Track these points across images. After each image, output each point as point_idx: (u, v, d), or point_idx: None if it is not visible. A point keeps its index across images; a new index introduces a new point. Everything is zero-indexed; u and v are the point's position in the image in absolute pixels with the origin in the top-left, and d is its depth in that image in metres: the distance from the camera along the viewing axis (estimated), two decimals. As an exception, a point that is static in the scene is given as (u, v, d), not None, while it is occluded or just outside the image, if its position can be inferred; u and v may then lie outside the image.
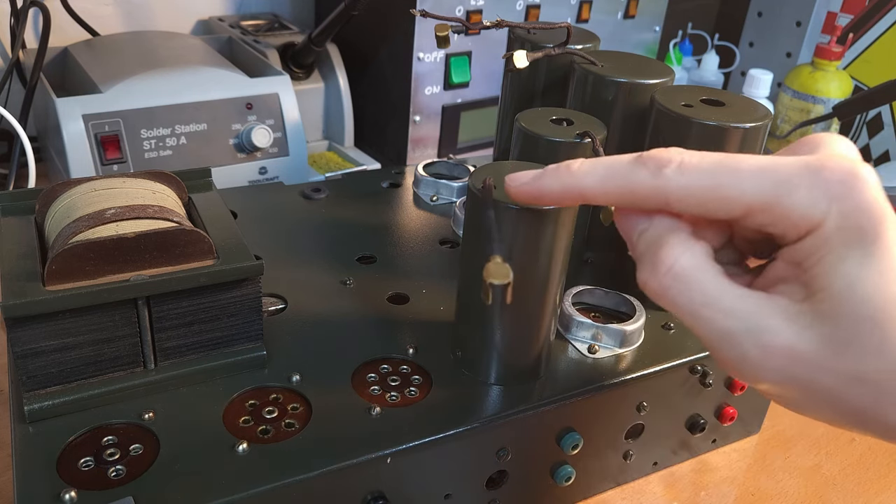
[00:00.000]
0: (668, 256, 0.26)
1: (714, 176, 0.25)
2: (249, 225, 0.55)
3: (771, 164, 0.25)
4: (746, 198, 0.25)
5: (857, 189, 0.24)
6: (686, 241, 0.26)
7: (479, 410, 0.39)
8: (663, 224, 0.27)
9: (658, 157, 0.26)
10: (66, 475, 0.33)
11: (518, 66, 0.47)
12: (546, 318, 0.40)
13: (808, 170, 0.24)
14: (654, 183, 0.26)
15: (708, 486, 0.48)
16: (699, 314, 0.26)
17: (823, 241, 0.24)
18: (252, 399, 0.39)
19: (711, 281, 0.26)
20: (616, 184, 0.27)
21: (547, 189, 0.29)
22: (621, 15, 0.87)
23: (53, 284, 0.35)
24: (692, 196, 0.26)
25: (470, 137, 0.82)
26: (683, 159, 0.26)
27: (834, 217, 0.24)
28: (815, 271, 0.25)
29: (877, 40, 0.89)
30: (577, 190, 0.28)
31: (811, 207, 0.24)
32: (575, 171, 0.28)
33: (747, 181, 0.25)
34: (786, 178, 0.25)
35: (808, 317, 0.24)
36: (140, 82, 0.64)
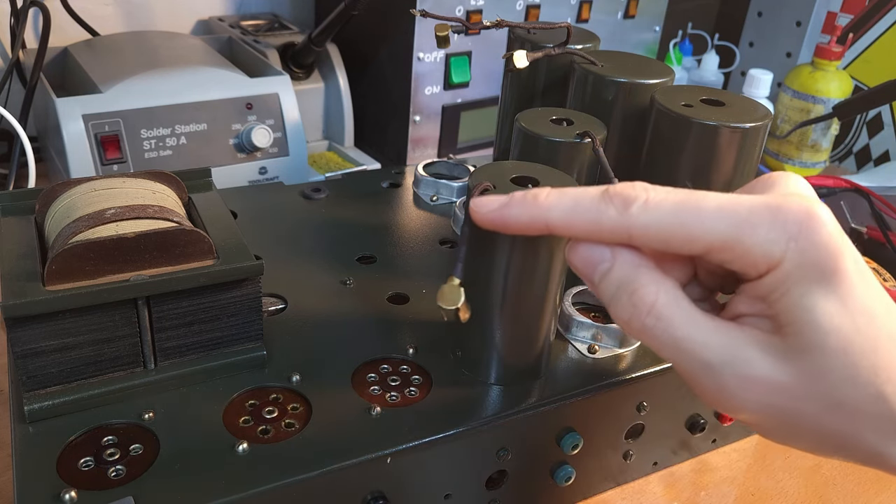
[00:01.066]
0: (647, 296, 0.27)
1: (677, 214, 0.26)
2: (249, 225, 0.55)
3: (732, 203, 0.26)
4: (708, 236, 0.26)
5: (813, 228, 0.25)
6: (657, 278, 0.27)
7: (479, 410, 0.39)
8: (628, 262, 0.27)
9: (624, 193, 0.27)
10: (66, 475, 0.33)
11: (518, 66, 0.47)
12: (546, 318, 0.40)
13: (768, 209, 0.25)
14: (620, 221, 0.26)
15: (708, 486, 0.48)
16: (680, 348, 0.26)
17: (784, 278, 0.25)
18: (252, 399, 0.39)
19: (688, 315, 0.26)
20: (583, 219, 0.27)
21: (513, 218, 0.29)
22: (621, 15, 0.87)
23: (53, 284, 0.35)
24: (656, 233, 0.26)
25: (470, 137, 0.82)
26: (649, 197, 0.26)
27: (792, 255, 0.25)
28: (780, 306, 0.25)
29: (877, 40, 0.89)
30: (543, 221, 0.28)
31: (771, 246, 0.25)
32: (541, 202, 0.28)
33: (709, 220, 0.26)
34: (746, 217, 0.25)
35: (782, 350, 0.25)
36: (140, 82, 0.64)
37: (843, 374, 0.25)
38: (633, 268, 0.27)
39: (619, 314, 0.28)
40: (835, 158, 0.96)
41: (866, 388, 0.25)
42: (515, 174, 0.39)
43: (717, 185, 0.44)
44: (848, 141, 0.95)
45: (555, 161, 0.43)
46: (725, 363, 0.26)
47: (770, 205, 0.25)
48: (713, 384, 0.26)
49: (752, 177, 0.45)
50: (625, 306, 0.27)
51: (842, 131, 0.92)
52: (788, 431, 0.27)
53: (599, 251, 0.28)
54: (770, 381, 0.25)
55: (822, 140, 0.87)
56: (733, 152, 0.43)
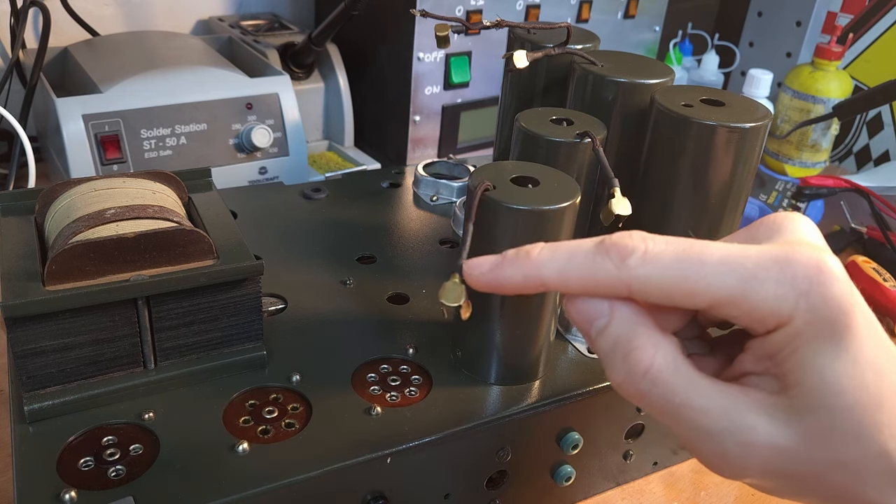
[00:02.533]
0: (643, 359, 0.25)
1: (679, 267, 0.25)
2: (249, 225, 0.55)
3: (737, 256, 0.25)
4: (712, 291, 0.24)
5: (825, 283, 0.24)
6: (655, 339, 0.26)
7: (479, 410, 0.39)
8: (626, 319, 0.26)
9: (621, 245, 0.25)
10: (66, 475, 0.33)
11: (518, 66, 0.47)
12: (546, 318, 0.40)
13: (776, 263, 0.24)
14: (618, 274, 0.25)
15: (708, 486, 0.48)
16: (678, 415, 0.25)
17: (794, 336, 0.24)
18: (252, 399, 0.39)
19: (687, 380, 0.25)
20: (578, 274, 0.26)
21: (507, 279, 0.28)
22: (621, 15, 0.87)
23: (53, 284, 0.35)
24: (656, 288, 0.25)
25: (470, 137, 0.82)
26: (647, 248, 0.25)
27: (802, 312, 0.24)
28: (788, 366, 0.24)
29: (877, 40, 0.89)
30: (538, 280, 0.27)
31: (779, 303, 0.24)
32: (534, 259, 0.27)
33: (713, 274, 0.24)
34: (753, 272, 0.24)
35: (786, 412, 0.24)
36: (140, 82, 0.64)
37: (847, 434, 0.24)
38: (630, 326, 0.26)
39: (614, 376, 0.26)
40: (835, 158, 0.96)
41: (870, 445, 0.24)
42: (515, 174, 0.39)
43: (717, 186, 0.44)
44: (848, 141, 0.95)
45: (555, 161, 0.43)
46: (726, 430, 0.25)
47: (778, 257, 0.24)
48: (714, 451, 0.25)
49: (752, 177, 0.45)
50: (619, 368, 0.26)
51: (842, 131, 0.92)
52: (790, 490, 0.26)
53: (597, 306, 0.26)
54: (774, 446, 0.24)
55: (822, 140, 0.87)
56: (733, 152, 0.43)
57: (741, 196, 0.45)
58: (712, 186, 0.44)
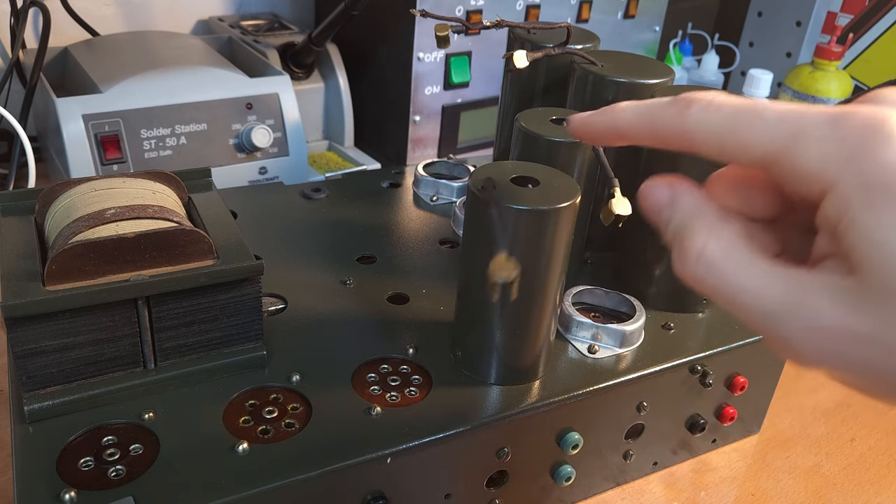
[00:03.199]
0: (695, 244, 0.25)
1: (734, 118, 0.24)
2: (249, 225, 0.55)
3: (796, 112, 0.23)
4: (760, 145, 0.23)
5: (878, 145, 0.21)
6: (712, 224, 0.25)
7: (479, 410, 0.39)
8: (686, 208, 0.26)
9: (689, 97, 0.25)
10: (66, 475, 0.33)
11: (518, 66, 0.47)
12: (546, 318, 0.40)
13: (830, 120, 0.22)
14: (678, 121, 0.25)
15: (708, 486, 0.48)
16: (736, 299, 0.24)
17: (846, 205, 0.21)
18: (252, 399, 0.39)
19: (744, 263, 0.24)
20: (645, 120, 0.27)
21: (595, 125, 0.29)
22: (621, 15, 0.87)
23: (53, 284, 0.35)
24: (710, 137, 0.24)
25: (470, 137, 0.82)
26: (713, 100, 0.25)
27: (850, 176, 0.21)
28: (848, 241, 0.22)
29: (877, 40, 0.89)
30: (615, 126, 0.28)
31: (823, 163, 0.22)
32: (618, 108, 0.28)
33: (763, 128, 0.23)
34: (802, 128, 0.22)
35: (856, 294, 0.22)
36: (140, 82, 0.64)
37: None
38: (689, 215, 0.26)
39: (675, 264, 0.26)
40: (835, 158, 0.96)
41: None
42: (515, 174, 0.39)
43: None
44: (848, 141, 0.95)
45: (555, 161, 0.43)
46: (789, 312, 0.23)
47: (834, 115, 0.22)
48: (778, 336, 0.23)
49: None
50: (677, 255, 0.25)
51: (842, 131, 0.92)
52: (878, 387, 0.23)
53: (662, 195, 0.27)
54: (844, 331, 0.22)
55: (822, 140, 0.87)
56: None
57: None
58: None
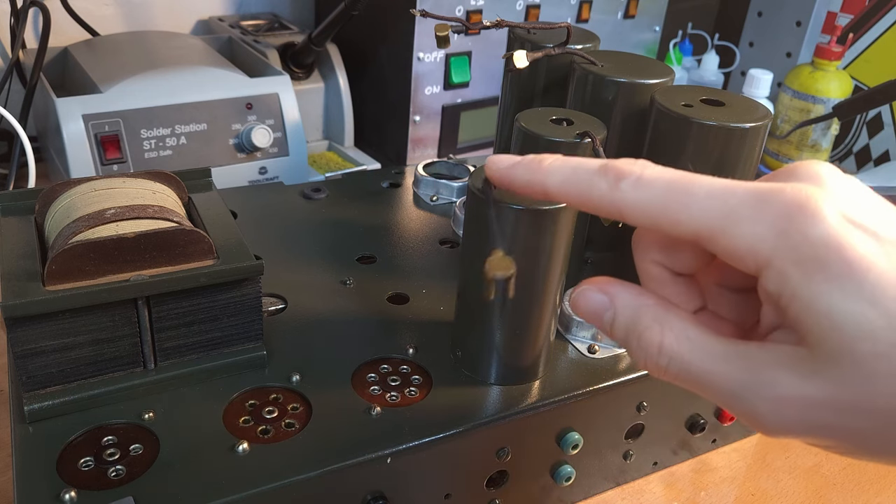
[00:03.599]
0: (654, 339, 0.25)
1: (666, 195, 0.24)
2: (249, 225, 0.55)
3: (724, 190, 0.23)
4: (693, 223, 0.24)
5: (806, 221, 0.22)
6: (660, 316, 0.26)
7: (479, 410, 0.39)
8: (628, 305, 0.26)
9: (619, 168, 0.26)
10: (66, 475, 0.33)
11: (518, 66, 0.47)
12: (546, 318, 0.40)
13: (759, 200, 0.23)
14: (610, 195, 0.25)
15: (708, 486, 0.48)
16: (701, 383, 0.25)
17: (784, 279, 0.22)
18: (252, 399, 0.39)
19: (700, 346, 0.25)
20: (576, 189, 0.27)
21: (517, 178, 0.29)
22: (621, 15, 0.87)
23: (53, 284, 0.35)
24: (642, 213, 0.25)
25: (470, 137, 0.82)
26: (642, 174, 0.25)
27: (783, 252, 0.22)
28: (791, 313, 0.22)
29: (877, 40, 0.89)
30: (541, 186, 0.28)
31: (756, 241, 0.22)
32: (545, 167, 0.28)
33: (696, 206, 0.24)
34: (734, 207, 0.23)
35: (809, 362, 0.22)
36: (140, 82, 0.64)
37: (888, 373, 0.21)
38: (633, 310, 0.26)
39: (636, 361, 0.26)
40: (835, 158, 0.96)
41: None
42: (515, 174, 0.39)
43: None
44: (848, 141, 0.95)
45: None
46: (750, 389, 0.23)
47: (761, 194, 0.23)
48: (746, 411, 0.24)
49: (752, 177, 0.45)
50: (637, 352, 0.26)
51: (842, 131, 0.92)
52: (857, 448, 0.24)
53: (598, 300, 0.27)
54: (804, 398, 0.22)
55: (822, 140, 0.87)
56: (733, 152, 0.43)
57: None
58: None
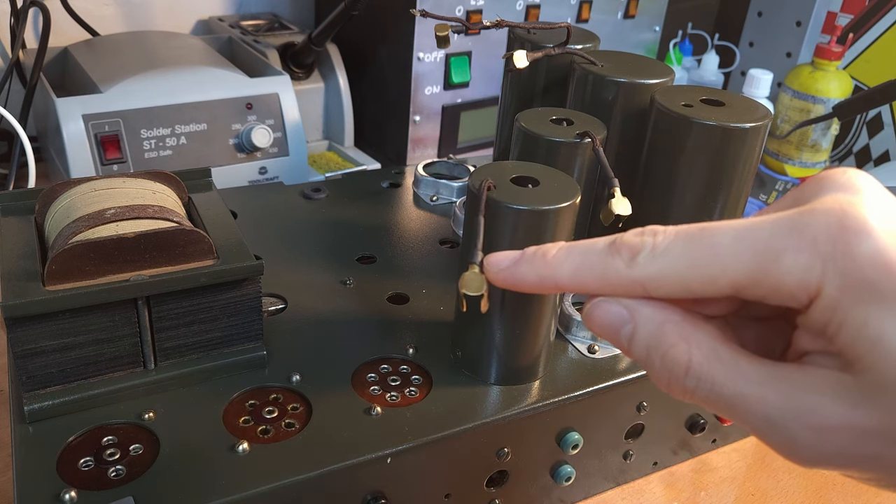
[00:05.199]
0: (680, 357, 0.23)
1: (690, 256, 0.23)
2: (249, 225, 0.55)
3: (751, 229, 0.22)
4: (730, 274, 0.22)
5: (851, 241, 0.20)
6: (687, 332, 0.24)
7: (479, 410, 0.39)
8: (651, 320, 0.24)
9: (630, 243, 0.24)
10: (66, 475, 0.33)
11: (518, 66, 0.47)
12: (546, 318, 0.40)
13: (792, 229, 0.21)
14: (630, 274, 0.24)
15: (708, 486, 0.48)
16: (732, 406, 0.23)
17: (834, 307, 0.21)
18: (252, 399, 0.39)
19: (732, 368, 0.23)
20: (592, 276, 0.25)
21: (522, 278, 0.26)
22: (621, 15, 0.87)
23: (53, 284, 0.35)
24: (670, 282, 0.23)
25: (470, 137, 0.82)
26: (656, 243, 0.23)
27: (833, 278, 0.21)
28: (840, 341, 0.21)
29: (877, 40, 0.89)
30: (552, 281, 0.26)
31: (804, 273, 0.21)
32: (550, 260, 0.26)
33: (727, 256, 0.22)
34: (768, 244, 0.21)
35: (856, 390, 0.21)
36: (140, 82, 0.64)
37: None
38: (657, 325, 0.24)
39: (659, 380, 0.24)
40: (835, 158, 0.96)
41: None
42: (515, 174, 0.39)
43: (717, 186, 0.44)
44: (848, 141, 0.95)
45: (555, 161, 0.43)
46: (788, 415, 0.22)
47: (794, 222, 0.21)
48: (782, 440, 0.22)
49: (752, 177, 0.45)
50: (660, 372, 0.24)
51: (842, 131, 0.92)
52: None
53: (617, 313, 0.25)
54: (850, 427, 0.21)
55: (822, 140, 0.87)
56: (733, 152, 0.43)
57: (741, 196, 0.45)
58: (712, 186, 0.44)
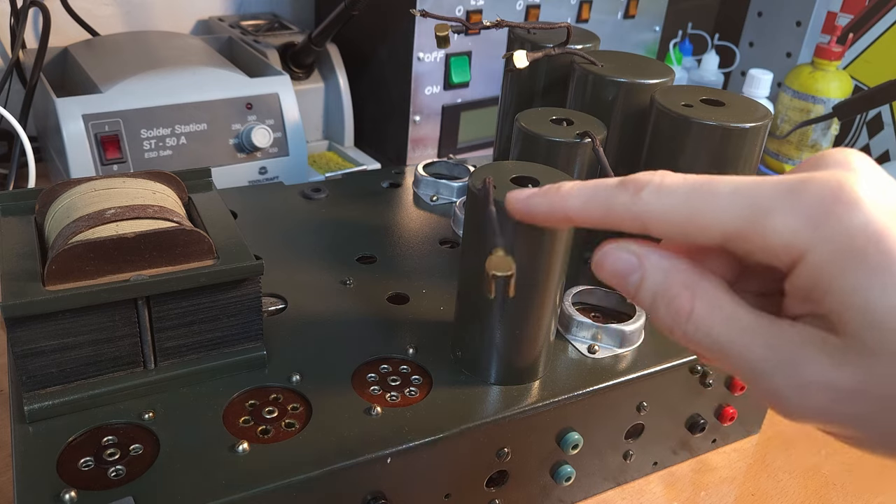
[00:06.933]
0: (684, 303, 0.24)
1: (689, 199, 0.24)
2: (249, 225, 0.55)
3: (751, 186, 0.23)
4: (723, 223, 0.23)
5: (843, 210, 0.21)
6: (692, 280, 0.25)
7: (479, 410, 0.39)
8: (658, 268, 0.25)
9: (638, 179, 0.25)
10: (66, 475, 0.33)
11: (518, 66, 0.47)
12: (546, 318, 0.40)
13: (788, 191, 0.22)
14: (631, 206, 0.25)
15: (708, 486, 0.48)
16: (725, 353, 0.24)
17: (819, 272, 0.21)
18: (252, 399, 0.39)
19: (730, 316, 0.24)
20: (597, 206, 0.26)
21: (536, 208, 0.28)
22: (621, 15, 0.87)
23: (53, 284, 0.35)
24: (667, 220, 0.24)
25: (470, 137, 0.82)
26: (663, 181, 0.24)
27: (820, 244, 0.21)
28: (826, 306, 0.22)
29: (877, 40, 0.89)
30: (562, 211, 0.27)
31: (791, 235, 0.22)
32: (563, 192, 0.27)
33: (722, 205, 0.23)
34: (762, 202, 0.22)
35: (840, 350, 0.21)
36: (140, 82, 0.64)
37: None
38: (664, 273, 0.25)
39: (662, 324, 0.25)
40: (835, 158, 0.96)
41: None
42: (515, 174, 0.39)
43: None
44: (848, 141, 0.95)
45: (555, 161, 0.43)
46: (775, 367, 0.22)
47: (791, 184, 0.22)
48: (768, 390, 0.23)
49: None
50: (664, 316, 0.25)
51: (842, 131, 0.92)
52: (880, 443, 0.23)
53: (626, 260, 0.26)
54: (833, 386, 0.21)
55: (822, 140, 0.87)
56: (733, 152, 0.43)
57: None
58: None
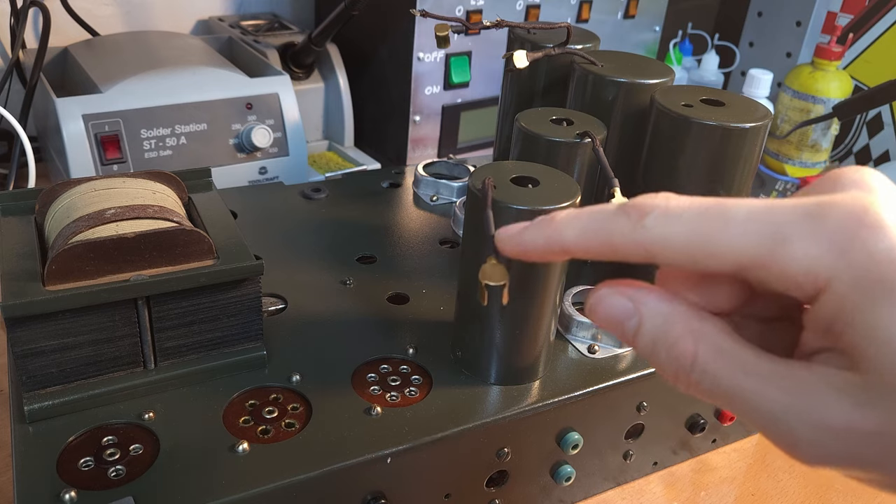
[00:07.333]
0: (687, 352, 0.23)
1: (699, 225, 0.22)
2: (249, 225, 0.55)
3: (766, 210, 0.21)
4: (736, 251, 0.21)
5: (868, 236, 0.20)
6: (693, 325, 0.23)
7: (479, 410, 0.39)
8: (656, 312, 0.23)
9: (640, 204, 0.23)
10: (66, 475, 0.33)
11: (518, 66, 0.47)
12: (546, 318, 0.40)
13: (808, 217, 0.20)
14: (634, 235, 0.23)
15: (708, 486, 0.48)
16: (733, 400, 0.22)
17: (842, 303, 0.20)
18: (252, 399, 0.39)
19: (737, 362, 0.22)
20: (595, 236, 0.24)
21: (531, 244, 0.26)
22: (621, 15, 0.87)
23: (53, 284, 0.35)
24: (676, 249, 0.22)
25: (470, 137, 0.82)
26: (668, 206, 0.22)
27: (843, 273, 0.20)
28: (848, 339, 0.20)
29: (877, 40, 0.89)
30: (558, 244, 0.25)
31: (813, 262, 0.20)
32: (557, 223, 0.25)
33: (736, 232, 0.21)
34: (781, 229, 0.21)
35: (861, 390, 0.20)
36: (140, 82, 0.64)
37: None
38: (663, 317, 0.23)
39: (665, 372, 0.24)
40: (835, 158, 0.96)
41: None
42: (515, 174, 0.39)
43: (717, 185, 0.44)
44: (848, 141, 0.95)
45: (555, 161, 0.43)
46: (793, 413, 0.21)
47: (811, 211, 0.20)
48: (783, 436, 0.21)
49: (752, 177, 0.45)
50: (666, 363, 0.23)
51: (842, 131, 0.92)
52: None
53: (621, 306, 0.24)
54: (852, 428, 0.20)
55: (822, 140, 0.87)
56: (733, 152, 0.43)
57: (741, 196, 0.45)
58: (712, 186, 0.44)
